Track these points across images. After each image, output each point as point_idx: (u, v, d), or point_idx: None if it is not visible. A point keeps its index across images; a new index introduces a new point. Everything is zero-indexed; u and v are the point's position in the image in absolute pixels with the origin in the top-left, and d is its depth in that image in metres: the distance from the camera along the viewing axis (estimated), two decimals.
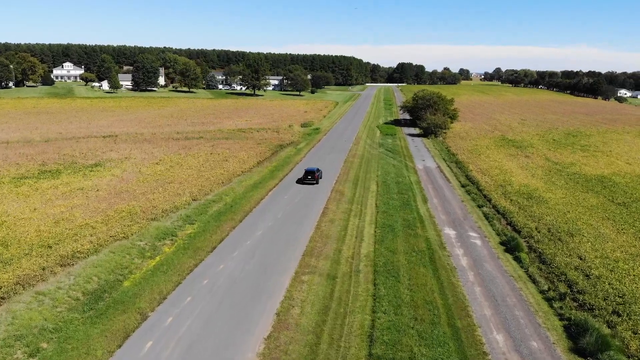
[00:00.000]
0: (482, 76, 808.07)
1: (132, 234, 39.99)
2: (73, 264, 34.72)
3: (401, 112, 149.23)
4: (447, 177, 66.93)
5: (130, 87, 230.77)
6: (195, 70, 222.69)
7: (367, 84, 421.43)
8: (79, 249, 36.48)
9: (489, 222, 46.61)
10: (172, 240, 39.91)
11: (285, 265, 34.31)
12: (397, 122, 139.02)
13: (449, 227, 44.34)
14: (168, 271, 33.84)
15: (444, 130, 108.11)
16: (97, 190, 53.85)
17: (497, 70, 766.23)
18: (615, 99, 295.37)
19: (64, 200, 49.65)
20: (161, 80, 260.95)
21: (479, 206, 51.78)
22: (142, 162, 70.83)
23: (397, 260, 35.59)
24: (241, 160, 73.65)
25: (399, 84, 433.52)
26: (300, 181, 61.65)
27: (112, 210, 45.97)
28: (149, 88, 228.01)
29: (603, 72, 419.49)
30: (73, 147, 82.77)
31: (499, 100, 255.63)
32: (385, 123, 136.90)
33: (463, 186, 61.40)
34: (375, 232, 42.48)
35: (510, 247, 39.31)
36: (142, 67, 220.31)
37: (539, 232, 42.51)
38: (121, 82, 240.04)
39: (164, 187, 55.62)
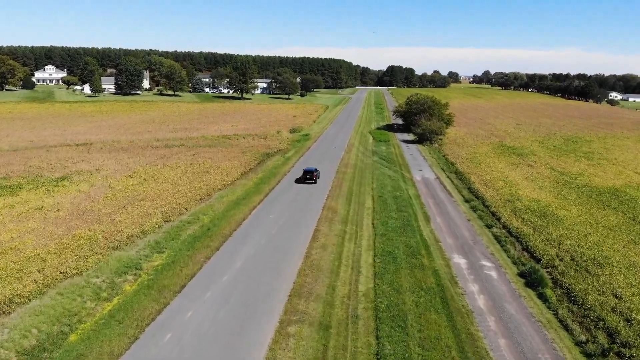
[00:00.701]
0: (471, 79, 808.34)
1: (87, 269, 33.77)
2: (10, 312, 28.48)
3: (394, 117, 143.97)
4: (448, 190, 61.41)
5: (114, 90, 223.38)
6: (181, 73, 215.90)
7: (357, 87, 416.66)
8: (19, 291, 30.23)
9: (501, 246, 41.04)
10: (135, 275, 33.74)
11: (268, 312, 28.33)
12: (390, 128, 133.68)
13: (459, 255, 38.66)
14: (125, 320, 27.69)
15: (439, 137, 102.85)
16: (58, 210, 47.44)
17: (486, 72, 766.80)
18: (607, 102, 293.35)
19: (17, 224, 43.24)
20: (146, 84, 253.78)
21: (488, 226, 46.25)
22: (114, 174, 64.44)
23: (403, 302, 29.78)
24: (224, 171, 67.53)
25: (389, 87, 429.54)
26: (299, 181, 63.74)
27: (69, 237, 39.64)
28: (133, 92, 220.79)
29: (589, 74, 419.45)
30: (42, 158, 76.10)
31: (491, 104, 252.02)
32: (378, 128, 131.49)
33: (467, 201, 55.89)
34: (374, 261, 36.66)
35: (531, 280, 33.72)
36: (125, 70, 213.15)
37: (561, 260, 36.99)
38: (104, 86, 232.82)
39: (134, 205, 49.38)
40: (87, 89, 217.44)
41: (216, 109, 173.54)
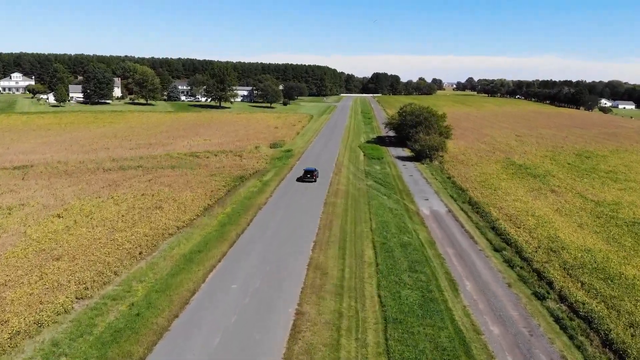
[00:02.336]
0: (454, 86, 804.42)
1: None
2: None
3: (385, 129, 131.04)
4: (468, 232, 48.23)
5: (82, 99, 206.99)
6: (154, 80, 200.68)
7: (342, 95, 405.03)
8: None
9: (571, 339, 27.87)
10: None
11: None
12: (382, 141, 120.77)
13: None
14: None
15: (440, 154, 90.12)
16: None
17: (470, 79, 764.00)
18: (600, 110, 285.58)
19: None
20: (117, 92, 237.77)
21: (539, 297, 33.09)
22: (39, 212, 49.98)
23: None
24: (182, 205, 53.49)
25: (375, 95, 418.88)
26: (300, 179, 67.81)
27: None
28: (102, 101, 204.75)
29: (573, 80, 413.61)
30: None
31: (481, 112, 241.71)
32: (368, 142, 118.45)
33: (497, 250, 42.73)
34: None
35: None
36: (94, 77, 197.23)
37: None
38: (72, 94, 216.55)
39: (44, 268, 35.16)
40: (52, 98, 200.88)
41: (190, 120, 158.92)
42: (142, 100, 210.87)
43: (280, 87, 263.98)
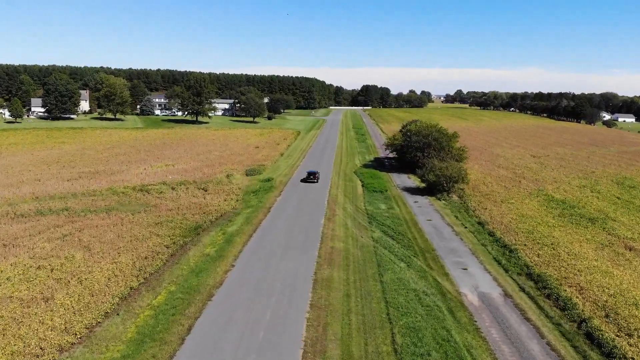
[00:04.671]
0: (443, 98, 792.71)
1: None
2: None
3: (385, 151, 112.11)
4: (552, 346, 28.93)
5: (45, 114, 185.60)
6: (123, 93, 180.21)
7: (331, 108, 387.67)
8: None
9: None
10: None
11: None
12: (381, 164, 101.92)
13: None
14: None
15: (459, 186, 71.37)
16: None
17: (459, 92, 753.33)
18: (604, 124, 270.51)
19: None
20: (85, 106, 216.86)
21: None
22: None
23: None
24: (89, 289, 33.89)
25: (365, 108, 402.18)
26: (304, 180, 73.13)
27: None
28: (66, 115, 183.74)
29: (563, 92, 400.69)
30: None
31: (481, 127, 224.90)
32: (365, 166, 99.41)
33: None
34: None
35: None
36: (55, 89, 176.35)
37: None
38: (34, 109, 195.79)
39: None
40: (7, 113, 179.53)
41: (158, 138, 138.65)
42: (111, 115, 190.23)
43: (266, 100, 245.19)
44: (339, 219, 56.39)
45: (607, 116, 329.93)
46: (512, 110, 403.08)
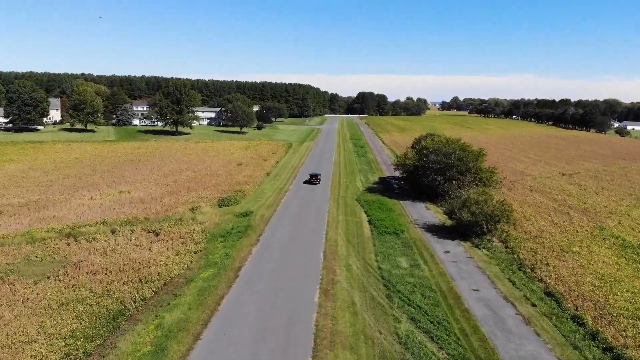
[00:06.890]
0: (439, 105, 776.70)
1: None
2: None
3: (394, 170, 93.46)
4: None
5: (9, 125, 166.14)
6: (94, 101, 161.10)
7: (326, 115, 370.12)
8: None
9: None
10: None
11: None
12: (388, 187, 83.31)
13: None
14: None
15: (502, 226, 52.88)
16: None
17: (455, 99, 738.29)
18: (616, 132, 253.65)
19: None
20: (56, 115, 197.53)
21: None
22: None
23: None
24: None
25: (361, 115, 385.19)
26: (307, 182, 75.76)
27: None
28: (31, 126, 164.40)
29: (562, 99, 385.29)
30: None
31: (490, 137, 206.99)
32: (369, 189, 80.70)
33: None
34: None
35: None
36: (17, 98, 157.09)
37: None
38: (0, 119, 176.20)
39: None
40: None
41: (125, 154, 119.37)
42: (82, 126, 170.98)
43: (256, 108, 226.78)
44: (342, 292, 37.60)
45: (615, 124, 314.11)
46: (515, 118, 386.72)
